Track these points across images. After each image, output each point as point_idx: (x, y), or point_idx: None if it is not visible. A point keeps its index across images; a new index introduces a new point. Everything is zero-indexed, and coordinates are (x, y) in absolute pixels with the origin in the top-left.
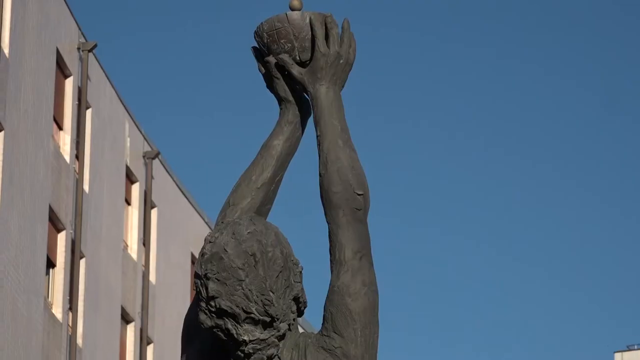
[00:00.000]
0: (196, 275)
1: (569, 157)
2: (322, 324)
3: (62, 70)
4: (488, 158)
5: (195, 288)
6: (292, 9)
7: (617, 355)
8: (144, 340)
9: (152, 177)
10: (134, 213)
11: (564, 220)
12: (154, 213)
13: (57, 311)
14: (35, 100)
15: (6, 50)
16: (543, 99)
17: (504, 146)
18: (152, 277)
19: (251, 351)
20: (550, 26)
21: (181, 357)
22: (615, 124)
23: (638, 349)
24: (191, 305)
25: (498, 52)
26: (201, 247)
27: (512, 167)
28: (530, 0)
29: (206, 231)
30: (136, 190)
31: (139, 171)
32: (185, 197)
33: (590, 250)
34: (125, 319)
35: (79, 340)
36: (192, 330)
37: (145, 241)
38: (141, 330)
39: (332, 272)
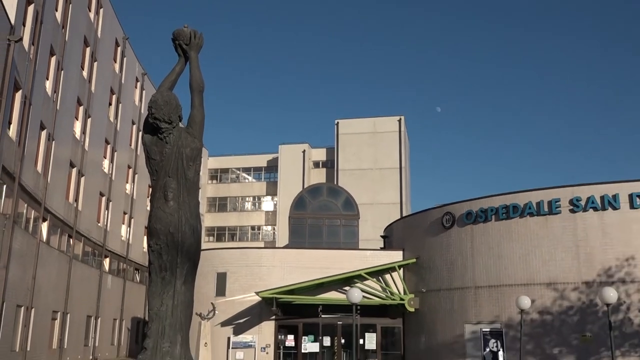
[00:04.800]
0: (148, 107)
1: None
2: (187, 124)
3: (117, 45)
4: None
5: (147, 111)
6: (184, 27)
7: None
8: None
9: (144, 82)
10: (138, 92)
11: None
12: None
13: None
14: (107, 55)
15: (99, 36)
16: None
17: None
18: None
19: (164, 132)
20: None
21: (142, 131)
22: None
23: None
24: (146, 116)
25: None
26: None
27: None
28: None
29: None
30: (139, 85)
31: (140, 78)
32: (153, 85)
33: None
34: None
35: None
36: (146, 124)
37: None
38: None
39: (191, 109)
